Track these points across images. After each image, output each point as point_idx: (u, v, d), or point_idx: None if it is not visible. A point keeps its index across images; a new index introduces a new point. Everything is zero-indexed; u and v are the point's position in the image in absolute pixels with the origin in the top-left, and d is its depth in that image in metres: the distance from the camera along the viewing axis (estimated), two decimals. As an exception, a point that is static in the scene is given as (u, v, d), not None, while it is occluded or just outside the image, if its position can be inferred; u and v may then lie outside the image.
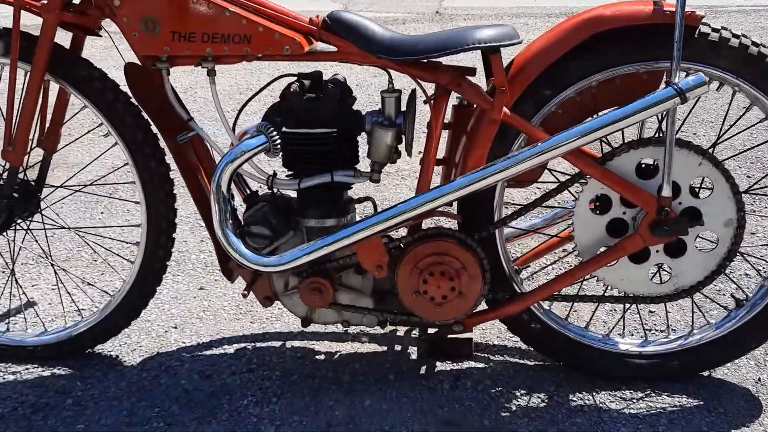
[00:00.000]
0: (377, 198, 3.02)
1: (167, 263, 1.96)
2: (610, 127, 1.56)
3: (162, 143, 1.84)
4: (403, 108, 1.73)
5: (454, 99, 1.83)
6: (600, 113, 1.64)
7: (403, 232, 1.83)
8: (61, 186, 2.26)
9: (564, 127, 1.63)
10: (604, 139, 1.66)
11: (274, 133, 1.67)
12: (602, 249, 1.74)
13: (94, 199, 3.02)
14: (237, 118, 1.80)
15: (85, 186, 2.70)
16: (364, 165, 1.76)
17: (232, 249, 1.69)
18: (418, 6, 7.37)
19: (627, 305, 1.91)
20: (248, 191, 1.91)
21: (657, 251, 1.70)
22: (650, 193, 1.64)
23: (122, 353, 2.07)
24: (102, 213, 2.97)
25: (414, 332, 2.13)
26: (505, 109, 1.65)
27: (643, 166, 1.67)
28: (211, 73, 1.73)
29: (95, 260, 2.58)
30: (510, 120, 1.66)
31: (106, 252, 2.57)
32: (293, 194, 1.87)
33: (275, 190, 1.80)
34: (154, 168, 1.83)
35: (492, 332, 2.13)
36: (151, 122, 1.79)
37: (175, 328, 2.20)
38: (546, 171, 1.84)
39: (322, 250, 1.69)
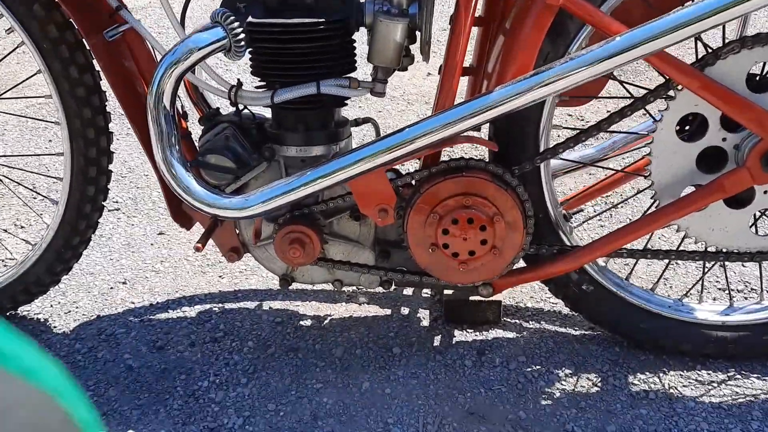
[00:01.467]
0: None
1: (102, 203, 1.49)
2: (718, 15, 1.07)
3: (86, 43, 1.34)
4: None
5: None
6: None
7: (415, 165, 1.36)
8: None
9: (641, 21, 1.14)
10: (700, 38, 1.18)
11: (236, 24, 1.18)
12: (688, 189, 1.28)
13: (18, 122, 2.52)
14: (185, 8, 1.30)
15: None
16: (362, 72, 1.27)
17: (178, 185, 1.22)
18: None
19: (712, 263, 1.46)
20: (208, 109, 1.43)
21: (766, 192, 1.24)
22: (766, 111, 1.17)
23: (52, 316, 1.63)
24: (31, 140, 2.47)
25: (426, 292, 1.68)
26: (565, -11, 1.16)
27: (757, 77, 1.20)
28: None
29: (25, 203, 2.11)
30: (571, 5, 1.17)
31: (29, 191, 2.09)
32: (266, 113, 1.39)
33: (241, 106, 1.31)
34: (76, 76, 1.34)
35: (524, 292, 1.69)
36: (69, 14, 1.28)
37: (124, 283, 1.75)
38: (611, 82, 1.36)
39: (305, 189, 1.23)
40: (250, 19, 1.21)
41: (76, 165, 1.41)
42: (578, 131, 1.27)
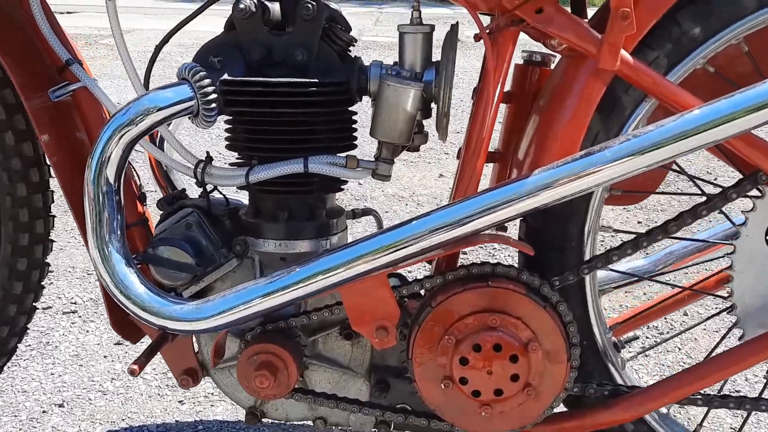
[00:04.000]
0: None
1: (33, 304, 1.19)
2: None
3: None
4: (436, 56, 0.99)
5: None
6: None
7: (424, 269, 1.07)
8: None
9: (709, 98, 0.89)
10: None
11: (206, 81, 0.93)
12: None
13: None
14: (153, 61, 1.06)
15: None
16: (363, 150, 1.01)
17: (113, 283, 0.93)
18: None
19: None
20: (172, 190, 1.16)
21: None
22: None
23: (-41, 448, 1.29)
24: None
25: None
26: (624, 53, 0.91)
27: None
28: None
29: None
30: (629, 71, 0.92)
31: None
32: (244, 197, 1.12)
33: (209, 186, 1.04)
34: (11, 143, 1.09)
35: None
36: (5, 67, 1.04)
37: (61, 406, 1.42)
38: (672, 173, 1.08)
39: (281, 295, 0.93)
40: (225, 76, 0.96)
41: (1, 255, 1.13)
42: (637, 235, 0.99)
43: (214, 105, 0.94)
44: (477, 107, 0.98)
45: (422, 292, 0.99)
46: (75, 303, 1.81)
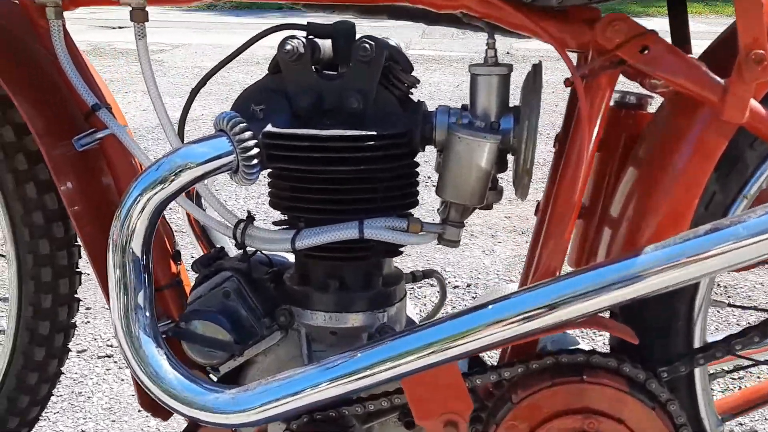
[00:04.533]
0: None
1: (59, 369, 1.08)
2: None
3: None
4: (515, 101, 0.84)
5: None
6: None
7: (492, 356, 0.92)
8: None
9: None
10: None
11: (247, 134, 0.80)
12: None
13: None
14: (187, 109, 0.93)
15: None
16: (426, 210, 0.86)
17: (140, 366, 0.80)
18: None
19: None
20: (211, 248, 1.04)
21: None
22: None
23: None
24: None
25: None
26: (753, 102, 0.74)
27: None
28: (138, 17, 0.88)
29: None
30: (763, 125, 0.75)
31: None
32: (287, 259, 0.99)
33: (250, 249, 0.91)
34: (33, 196, 0.98)
35: None
36: (23, 113, 0.92)
37: (90, 470, 1.30)
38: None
39: (337, 387, 0.79)
40: (269, 128, 0.83)
41: (22, 318, 1.01)
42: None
43: (255, 161, 0.80)
44: (567, 161, 0.82)
45: (499, 378, 0.83)
46: (111, 346, 1.71)
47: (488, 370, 0.82)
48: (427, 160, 0.81)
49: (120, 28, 7.10)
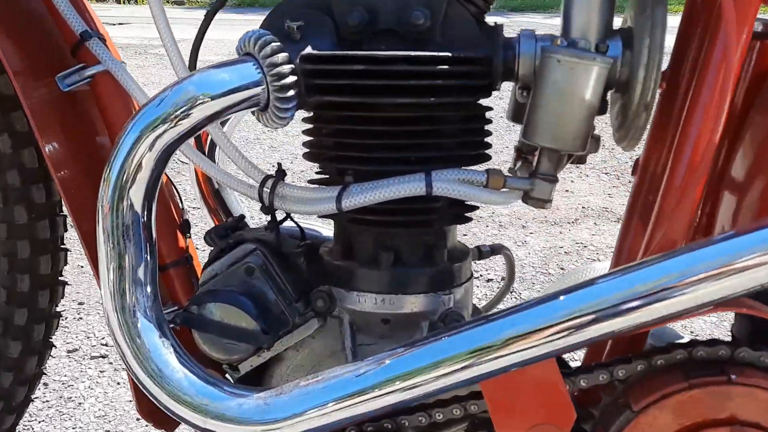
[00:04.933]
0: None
1: (44, 353, 0.89)
2: None
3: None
4: (629, 20, 0.65)
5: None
6: None
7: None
8: None
9: None
10: None
11: (282, 57, 0.60)
12: None
13: None
14: (201, 36, 0.74)
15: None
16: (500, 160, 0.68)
17: (140, 363, 0.61)
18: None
19: None
20: (226, 217, 0.85)
21: None
22: None
23: None
24: None
25: None
26: None
27: None
28: None
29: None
30: None
31: None
32: (319, 224, 0.80)
33: (281, 214, 0.72)
34: (5, 157, 0.78)
35: None
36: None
37: (79, 489, 1.11)
38: None
39: (398, 390, 0.59)
40: (308, 50, 0.63)
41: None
42: None
43: (291, 92, 0.61)
44: (694, 104, 0.63)
45: (609, 379, 0.64)
46: (106, 345, 1.51)
47: (595, 369, 0.63)
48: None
49: (120, 24, 6.94)
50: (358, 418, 0.61)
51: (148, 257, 0.62)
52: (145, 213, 0.61)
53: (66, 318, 1.60)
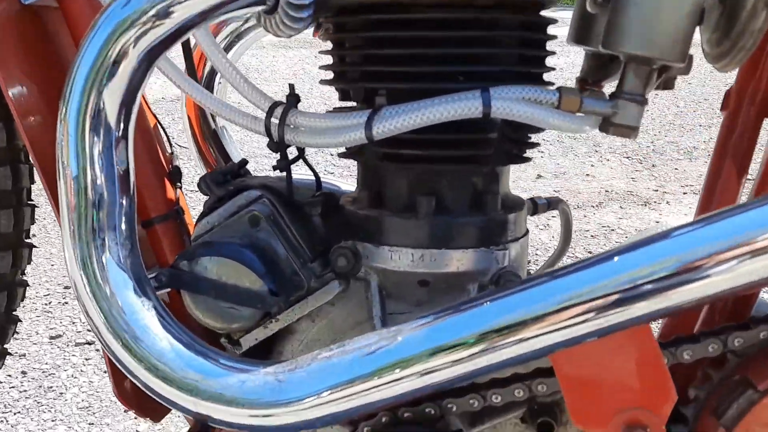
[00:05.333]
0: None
1: (1, 356, 0.75)
2: None
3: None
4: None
5: None
6: None
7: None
8: None
9: None
10: None
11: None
12: None
13: None
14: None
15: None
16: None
17: (115, 333, 0.47)
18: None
19: None
20: (225, 162, 0.71)
21: None
22: None
23: None
24: None
25: None
26: None
27: None
28: None
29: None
30: None
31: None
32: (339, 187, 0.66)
33: (288, 143, 0.58)
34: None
35: None
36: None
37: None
38: None
39: (447, 365, 0.45)
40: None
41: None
42: None
43: (310, -16, 0.47)
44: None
45: (720, 352, 0.50)
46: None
47: (702, 337, 0.49)
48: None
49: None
50: (395, 399, 0.47)
51: (124, 200, 0.48)
52: (121, 141, 0.47)
53: (50, 303, 1.46)
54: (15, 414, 1.12)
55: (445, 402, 0.52)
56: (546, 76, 0.59)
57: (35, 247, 0.74)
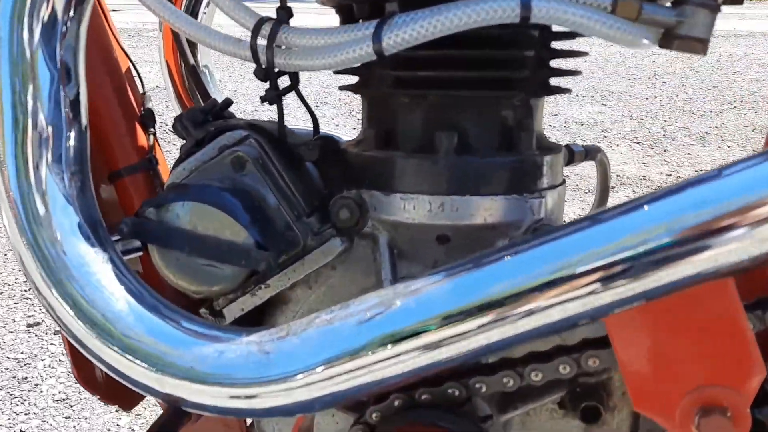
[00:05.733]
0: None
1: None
2: None
3: None
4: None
5: None
6: None
7: None
8: None
9: None
10: None
11: None
12: None
13: None
14: None
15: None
16: None
17: (66, 298, 0.37)
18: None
19: None
20: (204, 101, 0.61)
21: None
22: None
23: None
24: None
25: None
26: None
27: None
28: None
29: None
30: None
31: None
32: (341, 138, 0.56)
33: (279, 69, 0.47)
34: None
35: None
36: None
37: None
38: None
39: (472, 332, 0.35)
40: None
41: None
42: None
43: None
44: None
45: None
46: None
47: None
48: None
49: (114, 11, 6.73)
50: (411, 375, 0.37)
51: (74, 131, 0.38)
52: (64, 31, 0.37)
53: (29, 289, 1.36)
54: (-16, 406, 1.03)
55: (473, 381, 0.42)
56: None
57: None
